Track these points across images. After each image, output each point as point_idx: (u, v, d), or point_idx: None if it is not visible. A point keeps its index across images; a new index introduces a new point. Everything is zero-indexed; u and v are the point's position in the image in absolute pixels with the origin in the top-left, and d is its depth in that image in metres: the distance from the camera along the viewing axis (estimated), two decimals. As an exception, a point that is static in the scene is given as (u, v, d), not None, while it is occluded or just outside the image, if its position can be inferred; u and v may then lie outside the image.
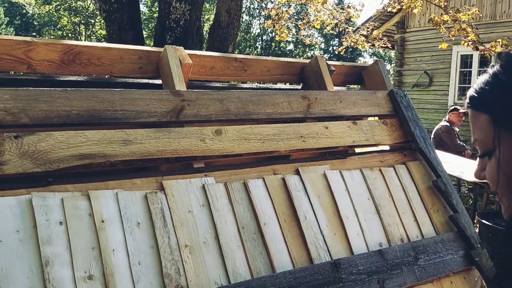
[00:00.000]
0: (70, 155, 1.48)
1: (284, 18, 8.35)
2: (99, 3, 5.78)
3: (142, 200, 1.53)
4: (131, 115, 1.65)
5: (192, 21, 5.43)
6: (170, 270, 1.45)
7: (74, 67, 1.81)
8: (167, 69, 1.86)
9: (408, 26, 13.30)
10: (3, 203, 1.34)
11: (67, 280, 1.31)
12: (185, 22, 5.35)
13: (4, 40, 1.67)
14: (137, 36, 5.52)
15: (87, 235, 1.40)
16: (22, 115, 1.47)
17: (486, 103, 0.80)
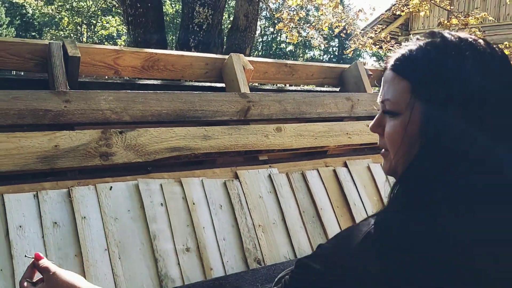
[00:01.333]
0: (163, 148, 1.75)
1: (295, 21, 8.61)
2: (123, 7, 6.02)
3: (222, 187, 1.80)
4: (209, 114, 1.91)
5: (214, 25, 5.68)
6: (249, 245, 1.72)
7: (152, 72, 2.07)
8: (232, 74, 2.12)
9: (412, 28, 13.58)
10: (116, 187, 1.60)
11: (171, 252, 1.58)
12: (207, 26, 5.61)
13: (98, 49, 1.94)
14: (161, 39, 5.77)
15: (182, 215, 1.66)
16: (124, 114, 1.74)
17: (411, 71, 0.81)
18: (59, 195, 1.51)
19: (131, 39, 6.07)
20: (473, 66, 0.76)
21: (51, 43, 1.79)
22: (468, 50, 0.78)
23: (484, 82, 0.76)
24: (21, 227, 1.40)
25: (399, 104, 0.81)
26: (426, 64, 0.79)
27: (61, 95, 1.64)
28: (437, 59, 0.78)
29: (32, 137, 1.53)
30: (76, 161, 1.58)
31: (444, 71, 0.77)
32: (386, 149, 0.87)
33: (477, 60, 0.77)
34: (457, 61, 0.77)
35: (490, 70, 0.77)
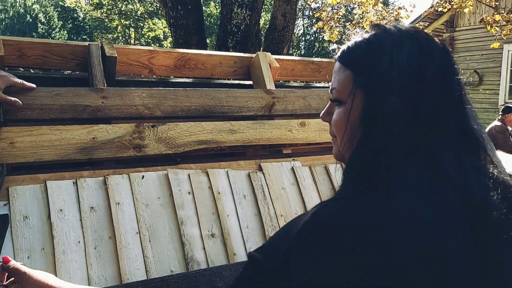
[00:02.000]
0: (192, 141, 1.87)
1: (335, 20, 8.63)
2: (165, 10, 6.25)
3: (246, 178, 1.90)
4: (235, 110, 2.02)
5: (252, 26, 5.81)
6: (271, 233, 1.81)
7: (184, 71, 2.20)
8: (259, 71, 2.22)
9: (458, 25, 13.26)
10: (148, 176, 1.74)
11: (197, 237, 1.69)
12: (245, 27, 5.74)
13: (133, 49, 2.08)
14: (201, 40, 5.95)
15: (208, 203, 1.78)
16: (156, 109, 1.87)
17: (353, 61, 0.86)
18: (96, 183, 1.65)
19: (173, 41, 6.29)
20: (410, 55, 0.82)
21: (90, 45, 1.95)
22: (406, 41, 0.83)
23: (421, 71, 0.81)
24: (61, 211, 1.55)
25: (343, 93, 0.88)
26: (365, 54, 0.85)
27: (99, 92, 1.80)
28: (376, 49, 0.84)
29: (72, 130, 1.69)
30: (112, 152, 1.73)
31: (382, 60, 0.82)
32: (334, 136, 0.95)
33: (414, 50, 0.82)
34: (394, 50, 0.82)
35: (427, 59, 0.82)
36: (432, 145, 0.81)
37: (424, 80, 0.81)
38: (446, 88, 0.82)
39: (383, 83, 0.82)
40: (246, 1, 5.65)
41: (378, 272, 0.70)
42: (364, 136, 0.84)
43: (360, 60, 0.86)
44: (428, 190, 0.77)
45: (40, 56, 1.95)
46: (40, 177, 1.59)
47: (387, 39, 0.85)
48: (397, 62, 0.82)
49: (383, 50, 0.84)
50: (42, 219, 1.52)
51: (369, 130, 0.83)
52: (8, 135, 1.59)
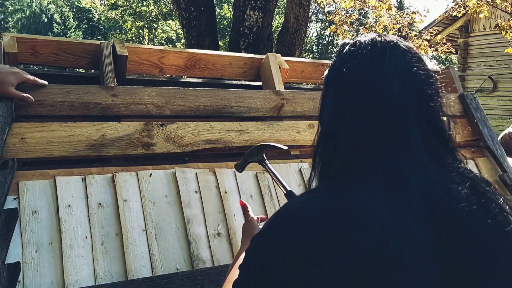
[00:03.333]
0: (200, 140, 1.88)
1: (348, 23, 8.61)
2: (178, 11, 6.29)
3: (253, 178, 1.91)
4: (243, 110, 2.03)
5: (264, 28, 5.82)
6: (277, 234, 1.82)
7: (194, 71, 2.22)
8: (269, 73, 2.23)
9: (472, 31, 13.16)
10: (155, 174, 1.75)
11: (203, 235, 1.70)
12: (257, 29, 5.75)
13: (144, 49, 2.11)
14: (213, 42, 5.98)
15: (215, 202, 1.79)
16: (165, 108, 1.89)
17: (327, 71, 0.97)
18: (104, 180, 1.67)
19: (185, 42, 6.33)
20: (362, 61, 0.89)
21: (102, 43, 1.97)
22: (362, 50, 0.89)
23: (368, 79, 0.87)
24: (69, 206, 1.57)
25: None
26: (331, 65, 0.95)
27: (109, 90, 1.82)
28: (336, 60, 0.94)
29: (82, 127, 1.71)
30: (121, 149, 1.75)
31: (336, 70, 0.92)
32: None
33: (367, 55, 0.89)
34: (340, 64, 0.92)
35: (379, 67, 0.87)
36: (393, 144, 0.83)
37: (366, 86, 0.86)
38: (390, 93, 0.85)
39: (332, 89, 0.92)
40: (259, 3, 5.66)
41: (323, 263, 0.73)
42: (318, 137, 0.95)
43: (329, 71, 0.97)
44: (385, 187, 0.79)
45: (53, 54, 1.97)
46: (50, 173, 1.61)
47: (350, 50, 0.92)
48: (347, 72, 0.90)
49: (338, 61, 0.94)
50: (50, 214, 1.54)
51: (320, 132, 0.95)
52: (20, 131, 1.62)
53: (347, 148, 0.85)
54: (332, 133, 0.89)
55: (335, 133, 0.88)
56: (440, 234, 0.76)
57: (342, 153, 0.86)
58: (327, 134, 0.91)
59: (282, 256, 0.77)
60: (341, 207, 0.77)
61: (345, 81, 0.89)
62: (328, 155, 0.89)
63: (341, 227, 0.74)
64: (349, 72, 0.89)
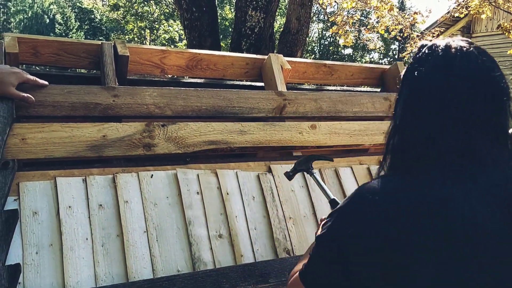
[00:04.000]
0: (202, 141, 1.87)
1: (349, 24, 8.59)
2: (180, 12, 6.27)
3: (256, 179, 1.90)
4: (245, 111, 2.01)
5: (266, 28, 5.80)
6: (279, 236, 1.80)
7: (195, 71, 2.21)
8: (270, 73, 2.22)
9: (474, 31, 13.13)
10: (157, 175, 1.74)
11: (204, 237, 1.69)
12: (259, 30, 5.73)
13: (146, 49, 2.09)
14: (215, 42, 5.96)
15: (216, 203, 1.77)
16: (167, 109, 1.87)
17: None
18: (105, 180, 1.66)
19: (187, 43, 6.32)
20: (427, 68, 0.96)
21: (103, 43, 1.96)
22: (436, 53, 0.96)
23: (439, 82, 0.93)
24: (70, 208, 1.56)
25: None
26: (409, 65, 1.02)
27: (110, 90, 1.80)
28: (413, 61, 1.01)
29: (83, 127, 1.70)
30: (122, 150, 1.73)
31: (411, 70, 0.98)
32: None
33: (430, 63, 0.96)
34: (415, 66, 0.99)
35: (450, 70, 0.93)
36: (461, 144, 0.90)
37: (422, 90, 0.95)
38: (475, 90, 0.91)
39: (400, 92, 1.01)
40: (261, 4, 5.64)
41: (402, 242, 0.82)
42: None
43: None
44: (457, 182, 0.87)
45: (54, 54, 1.96)
46: (50, 174, 1.60)
47: (417, 55, 1.01)
48: (415, 76, 0.97)
49: (409, 66, 1.02)
50: (51, 215, 1.53)
51: (392, 127, 1.03)
52: (20, 131, 1.61)
53: (418, 144, 0.93)
54: (404, 129, 0.97)
55: (407, 128, 0.96)
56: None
57: (413, 148, 0.94)
58: (399, 129, 0.98)
59: (363, 229, 0.87)
60: (420, 195, 0.85)
61: (418, 82, 0.96)
62: (400, 148, 0.97)
63: (423, 212, 0.83)
64: (423, 73, 0.95)
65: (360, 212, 0.90)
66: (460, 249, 0.81)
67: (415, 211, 0.84)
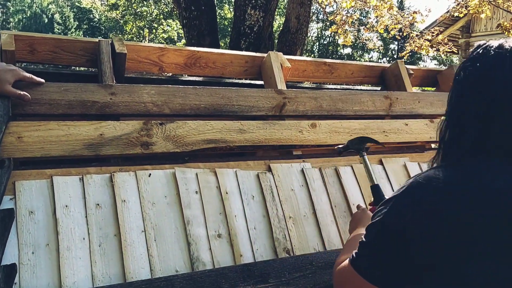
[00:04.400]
0: (200, 140, 1.85)
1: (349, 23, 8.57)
2: (179, 10, 6.25)
3: (255, 178, 1.87)
4: (245, 109, 1.99)
5: (265, 27, 5.79)
6: (279, 235, 1.78)
7: (194, 69, 2.18)
8: (270, 71, 2.19)
9: (474, 31, 13.11)
10: (155, 174, 1.71)
11: (203, 237, 1.67)
12: (258, 28, 5.72)
13: (144, 46, 2.07)
14: (214, 41, 5.95)
15: (215, 202, 1.75)
16: (165, 107, 1.85)
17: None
18: (102, 179, 1.64)
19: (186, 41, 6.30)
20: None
21: (100, 41, 1.94)
22: (489, 53, 1.00)
23: (489, 81, 0.98)
24: (67, 207, 1.54)
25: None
26: (464, 63, 1.07)
27: (108, 88, 1.78)
28: (468, 59, 1.06)
29: (80, 125, 1.68)
30: (119, 149, 1.71)
31: (465, 68, 1.04)
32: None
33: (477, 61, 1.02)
34: (476, 60, 1.03)
35: (499, 71, 0.98)
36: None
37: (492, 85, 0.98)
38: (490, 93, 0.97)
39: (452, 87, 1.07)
40: (260, 3, 5.63)
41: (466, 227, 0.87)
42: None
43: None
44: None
45: (50, 51, 1.94)
46: (47, 173, 1.58)
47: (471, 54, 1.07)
48: (468, 74, 1.03)
49: (462, 64, 1.08)
50: (47, 215, 1.50)
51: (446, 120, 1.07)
52: (16, 130, 1.58)
53: (469, 138, 0.98)
54: (456, 123, 1.03)
55: (459, 123, 1.02)
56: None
57: (467, 140, 0.99)
58: (451, 123, 1.04)
59: (423, 215, 0.92)
60: (479, 184, 0.91)
61: (470, 80, 1.02)
62: (454, 141, 1.02)
63: (482, 200, 0.89)
64: (475, 72, 1.01)
65: (420, 198, 0.94)
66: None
67: (474, 198, 0.89)
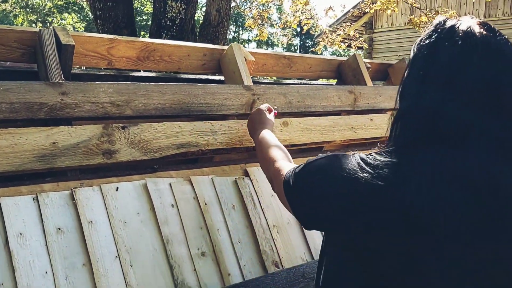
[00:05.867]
0: (169, 144, 1.61)
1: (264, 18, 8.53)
2: (90, 2, 5.77)
3: (233, 185, 1.67)
4: (214, 108, 1.78)
5: (188, 20, 5.52)
6: (265, 247, 1.61)
7: (147, 63, 1.92)
8: (233, 65, 2.00)
9: (376, 27, 13.78)
10: (123, 188, 1.45)
11: (185, 257, 1.44)
12: (180, 21, 5.44)
13: (91, 37, 1.77)
14: (132, 34, 5.56)
15: (195, 216, 1.53)
16: (126, 107, 1.58)
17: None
18: (61, 198, 1.35)
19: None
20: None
21: (42, 30, 1.61)
22: (454, 36, 0.89)
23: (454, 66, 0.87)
24: (21, 235, 1.24)
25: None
26: (421, 43, 0.96)
27: (57, 87, 1.48)
28: (428, 41, 0.94)
29: (28, 133, 1.37)
30: (77, 159, 1.43)
31: (425, 49, 0.93)
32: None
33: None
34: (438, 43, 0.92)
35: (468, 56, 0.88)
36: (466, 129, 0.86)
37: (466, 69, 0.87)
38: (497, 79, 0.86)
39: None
40: (181, -6, 5.35)
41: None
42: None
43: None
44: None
45: (-26, 44, 1.58)
46: (-10, 194, 1.26)
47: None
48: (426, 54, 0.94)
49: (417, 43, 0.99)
50: (-4, 248, 1.19)
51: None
52: None
53: (420, 129, 0.89)
54: (409, 113, 0.92)
55: (413, 113, 0.91)
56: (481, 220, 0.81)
57: (412, 131, 0.90)
58: (404, 113, 0.94)
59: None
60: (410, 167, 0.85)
61: (428, 69, 0.91)
62: (401, 131, 0.93)
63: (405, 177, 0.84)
64: (434, 61, 0.90)
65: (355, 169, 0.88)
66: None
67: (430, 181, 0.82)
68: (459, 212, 0.80)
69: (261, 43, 35.88)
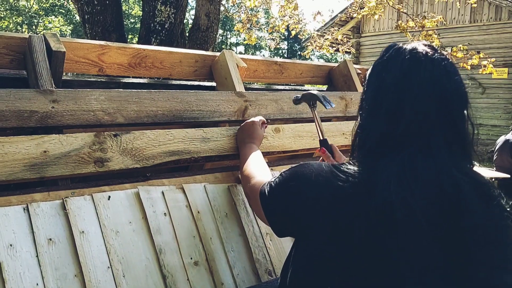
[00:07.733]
0: (162, 152, 1.59)
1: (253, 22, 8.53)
2: (77, 5, 5.72)
3: (226, 193, 1.66)
4: (206, 115, 1.77)
5: (177, 24, 5.50)
6: (259, 255, 1.60)
7: (139, 70, 1.91)
8: (225, 71, 1.99)
9: (363, 31, 13.88)
10: (115, 197, 1.43)
11: (178, 267, 1.43)
12: (170, 25, 5.42)
13: (81, 44, 1.75)
14: (120, 38, 5.52)
15: (187, 224, 1.52)
16: (118, 115, 1.57)
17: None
18: (52, 208, 1.32)
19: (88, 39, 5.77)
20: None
21: (32, 37, 1.59)
22: (402, 56, 1.02)
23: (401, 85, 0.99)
24: (11, 246, 1.21)
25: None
26: (375, 64, 1.09)
27: (48, 95, 1.46)
28: (380, 61, 1.08)
29: (18, 141, 1.34)
30: (69, 168, 1.41)
31: (377, 71, 1.06)
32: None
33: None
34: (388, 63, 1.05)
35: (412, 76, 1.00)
36: (416, 142, 0.97)
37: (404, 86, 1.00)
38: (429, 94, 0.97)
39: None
40: (170, -2, 5.33)
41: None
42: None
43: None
44: (397, 168, 0.94)
45: (-39, 49, 1.55)
46: (-21, 204, 1.23)
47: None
48: (373, 78, 1.08)
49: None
50: (-14, 259, 1.17)
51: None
52: None
53: (378, 139, 1.00)
54: (368, 125, 1.04)
55: (370, 124, 1.03)
56: (441, 212, 0.90)
57: (373, 141, 1.01)
58: (363, 125, 1.06)
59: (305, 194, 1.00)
60: (363, 173, 0.96)
61: (382, 82, 1.03)
62: (363, 142, 1.05)
63: (353, 184, 0.95)
64: (387, 75, 1.02)
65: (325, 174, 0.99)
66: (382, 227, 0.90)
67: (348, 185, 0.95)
68: (425, 206, 0.89)
69: (249, 47, 35.92)
